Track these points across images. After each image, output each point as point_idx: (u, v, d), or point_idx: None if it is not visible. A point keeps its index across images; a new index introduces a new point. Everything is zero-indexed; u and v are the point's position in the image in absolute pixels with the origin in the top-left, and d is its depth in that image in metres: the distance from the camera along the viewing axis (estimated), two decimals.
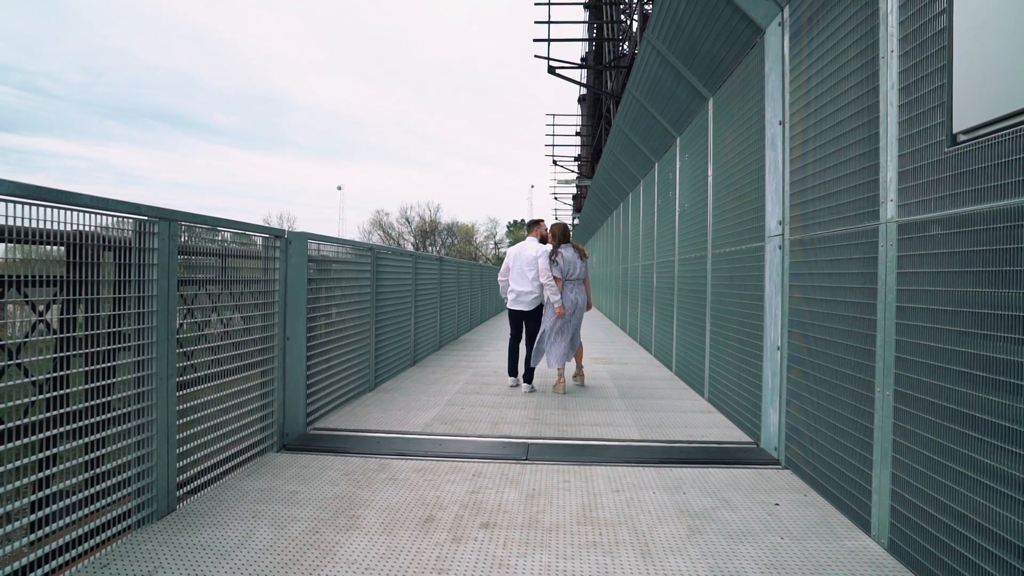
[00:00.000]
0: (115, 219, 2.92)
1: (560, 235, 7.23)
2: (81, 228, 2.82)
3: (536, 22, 21.96)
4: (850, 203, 3.39)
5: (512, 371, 7.62)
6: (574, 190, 43.01)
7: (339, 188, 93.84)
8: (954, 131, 2.50)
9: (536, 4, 22.11)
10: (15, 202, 2.31)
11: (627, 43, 28.51)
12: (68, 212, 2.63)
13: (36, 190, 2.37)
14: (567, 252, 7.10)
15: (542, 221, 7.62)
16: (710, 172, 6.49)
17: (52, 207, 2.53)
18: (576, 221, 40.37)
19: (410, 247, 70.32)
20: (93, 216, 2.81)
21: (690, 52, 6.21)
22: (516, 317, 7.51)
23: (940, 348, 2.55)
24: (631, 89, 8.54)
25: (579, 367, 7.58)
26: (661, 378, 8.12)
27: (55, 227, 2.65)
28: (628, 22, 28.75)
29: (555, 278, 7.03)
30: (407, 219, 74.03)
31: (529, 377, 7.22)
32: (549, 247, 7.21)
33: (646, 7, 24.95)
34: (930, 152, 2.66)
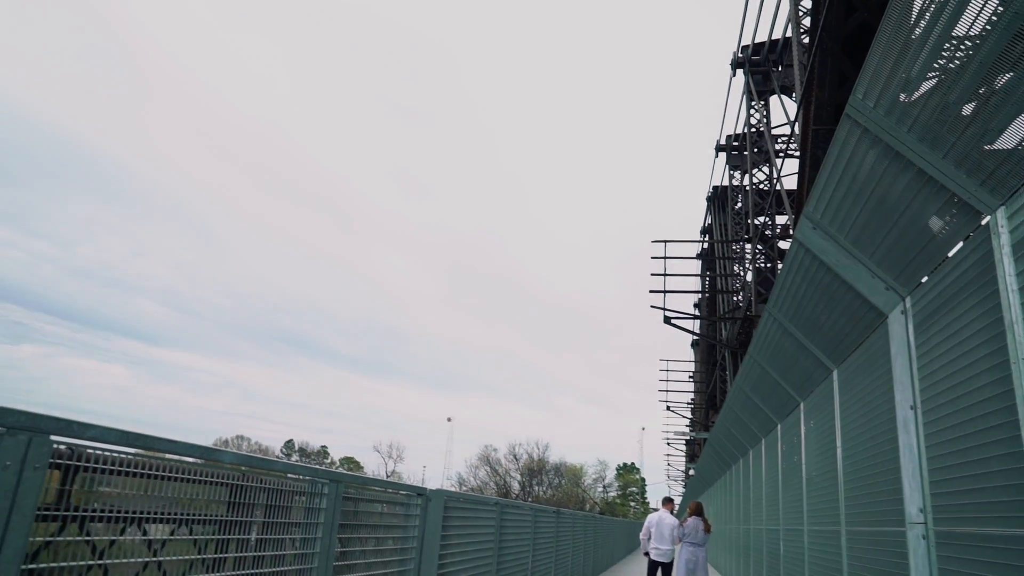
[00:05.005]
0: (296, 479, 3.32)
1: (694, 509, 11.42)
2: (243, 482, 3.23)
3: (652, 274, 23.18)
4: (1002, 503, 3.32)
5: None
6: (688, 436, 41.91)
7: (448, 420, 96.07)
8: None
9: (652, 258, 23.52)
10: (236, 469, 2.74)
11: (741, 294, 29.31)
12: (266, 476, 3.05)
13: (248, 459, 2.81)
14: (691, 521, 11.22)
15: (672, 500, 12.11)
16: (839, 444, 6.40)
17: (256, 472, 2.95)
18: (691, 472, 38.77)
19: (517, 485, 69.07)
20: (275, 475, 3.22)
21: (811, 326, 6.47)
22: (654, 565, 11.14)
23: None
24: (753, 353, 8.79)
25: None
26: None
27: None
28: (742, 273, 29.80)
29: (677, 537, 11.18)
30: (515, 456, 73.68)
31: None
32: (677, 520, 11.12)
33: (759, 262, 25.94)
34: None
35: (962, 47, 3.27)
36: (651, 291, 22.24)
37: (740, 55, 25.20)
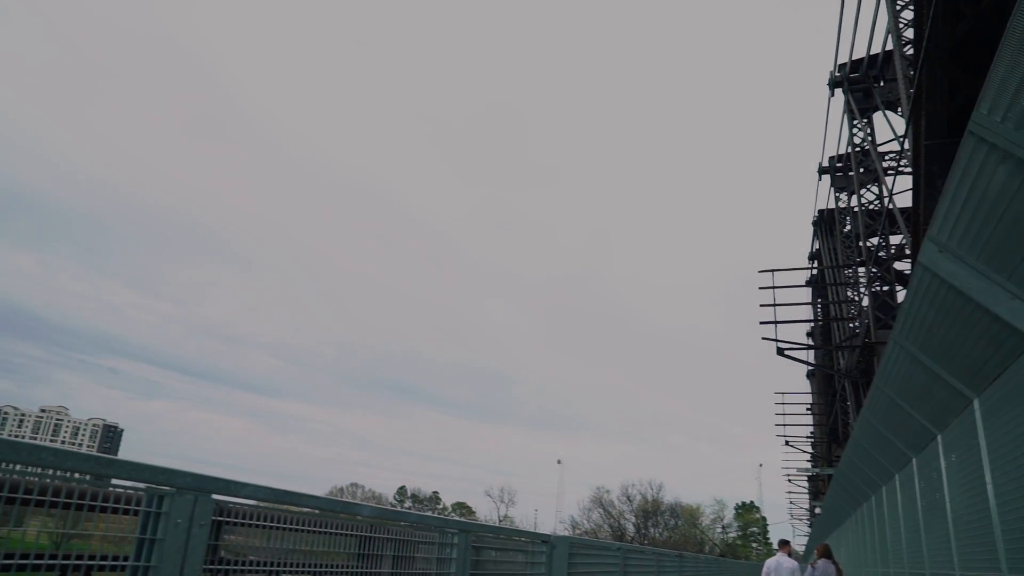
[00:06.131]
0: (426, 530, 3.39)
1: (822, 552, 11.07)
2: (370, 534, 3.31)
3: (761, 305, 22.43)
4: None
5: None
6: (810, 472, 39.67)
7: (559, 462, 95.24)
8: None
9: (760, 289, 22.76)
10: (352, 519, 2.84)
11: (857, 320, 27.77)
12: (397, 526, 3.14)
13: (383, 512, 2.90)
14: (821, 564, 10.91)
15: (789, 543, 12.04)
16: (989, 479, 5.90)
17: (383, 523, 3.05)
18: (817, 510, 36.64)
19: (631, 527, 67.34)
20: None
21: (945, 354, 6.07)
22: None
23: None
24: (879, 383, 8.31)
25: None
26: None
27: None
28: (857, 298, 28.27)
29: None
30: (628, 497, 71.93)
31: None
32: (796, 564, 11.12)
33: (875, 286, 24.58)
34: None
35: None
36: (761, 322, 21.48)
37: (837, 74, 24.40)
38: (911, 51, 15.17)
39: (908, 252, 22.70)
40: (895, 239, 24.62)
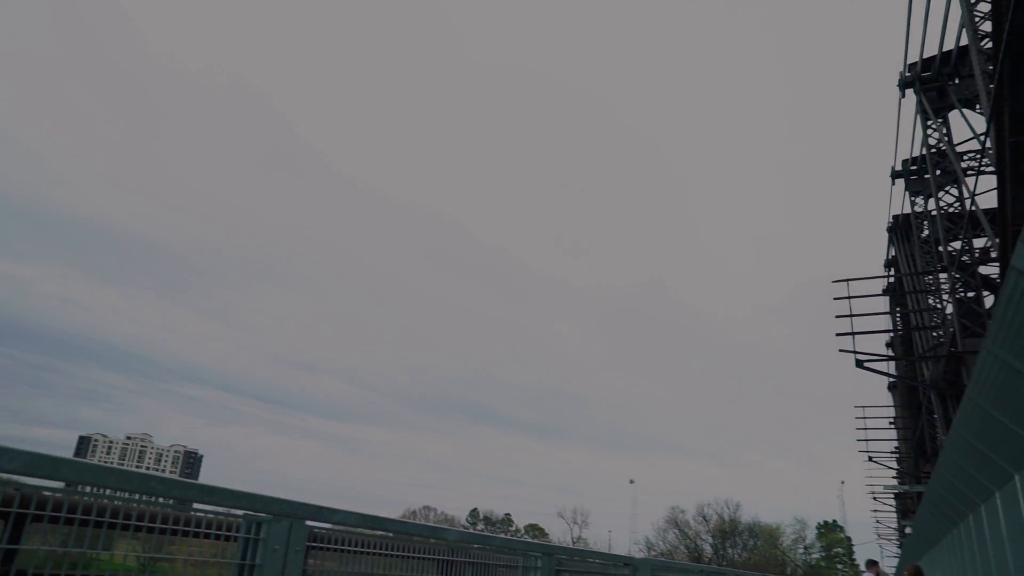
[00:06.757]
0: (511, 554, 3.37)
1: (912, 573, 10.68)
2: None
3: (837, 316, 21.70)
4: None
5: None
6: (896, 490, 37.85)
7: (631, 482, 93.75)
8: None
9: (835, 299, 22.02)
10: (425, 541, 2.84)
11: (941, 329, 26.49)
12: (487, 550, 3.13)
13: (472, 536, 2.90)
14: None
15: (878, 563, 11.30)
16: None
17: (475, 547, 3.04)
18: (907, 530, 34.92)
19: (709, 548, 65.58)
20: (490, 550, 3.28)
21: None
22: None
23: None
24: (971, 395, 7.89)
25: None
26: None
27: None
28: (940, 305, 26.98)
29: None
30: (704, 517, 70.12)
31: None
32: None
33: (959, 292, 23.40)
34: None
35: None
36: (838, 334, 20.74)
37: (908, 74, 23.56)
38: (989, 45, 14.53)
39: (994, 255, 21.57)
40: (979, 242, 23.46)
